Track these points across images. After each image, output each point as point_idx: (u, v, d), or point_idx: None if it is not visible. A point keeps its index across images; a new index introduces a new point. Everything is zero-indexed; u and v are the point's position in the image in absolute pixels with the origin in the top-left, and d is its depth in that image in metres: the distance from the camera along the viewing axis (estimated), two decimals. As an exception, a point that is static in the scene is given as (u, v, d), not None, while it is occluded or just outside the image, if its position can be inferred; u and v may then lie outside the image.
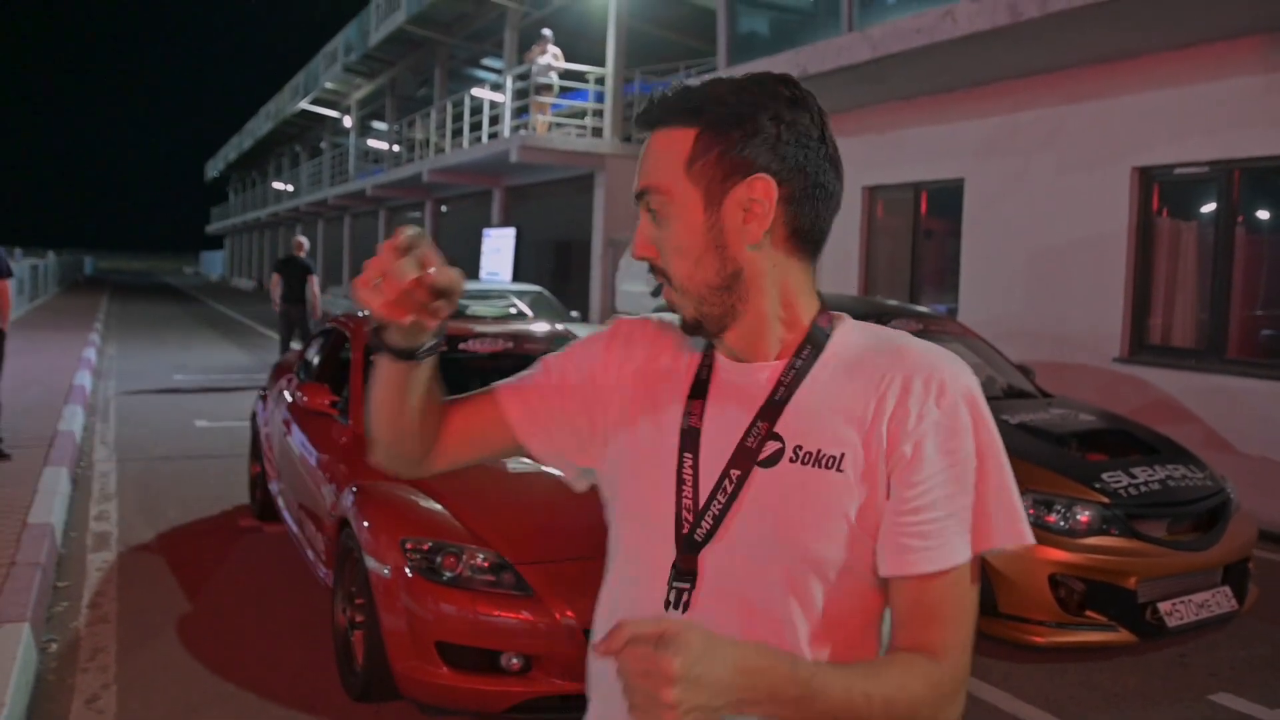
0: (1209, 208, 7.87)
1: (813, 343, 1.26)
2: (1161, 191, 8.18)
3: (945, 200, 9.93)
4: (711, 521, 1.23)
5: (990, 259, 9.42)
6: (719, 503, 1.23)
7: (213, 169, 64.31)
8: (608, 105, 17.40)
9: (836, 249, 11.75)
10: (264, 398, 6.87)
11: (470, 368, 5.94)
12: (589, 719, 1.40)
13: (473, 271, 21.15)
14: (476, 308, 10.75)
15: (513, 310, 11.50)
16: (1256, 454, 7.15)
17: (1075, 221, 8.45)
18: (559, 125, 17.85)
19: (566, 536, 4.03)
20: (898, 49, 8.34)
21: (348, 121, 33.51)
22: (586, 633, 3.57)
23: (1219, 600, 4.75)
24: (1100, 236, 8.27)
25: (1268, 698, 4.35)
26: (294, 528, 5.47)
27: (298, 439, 5.51)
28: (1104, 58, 8.17)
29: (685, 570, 1.24)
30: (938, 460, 1.16)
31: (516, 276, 19.22)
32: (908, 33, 8.22)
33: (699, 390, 1.29)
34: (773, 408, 1.23)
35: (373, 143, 31.81)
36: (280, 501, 5.93)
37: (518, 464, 4.66)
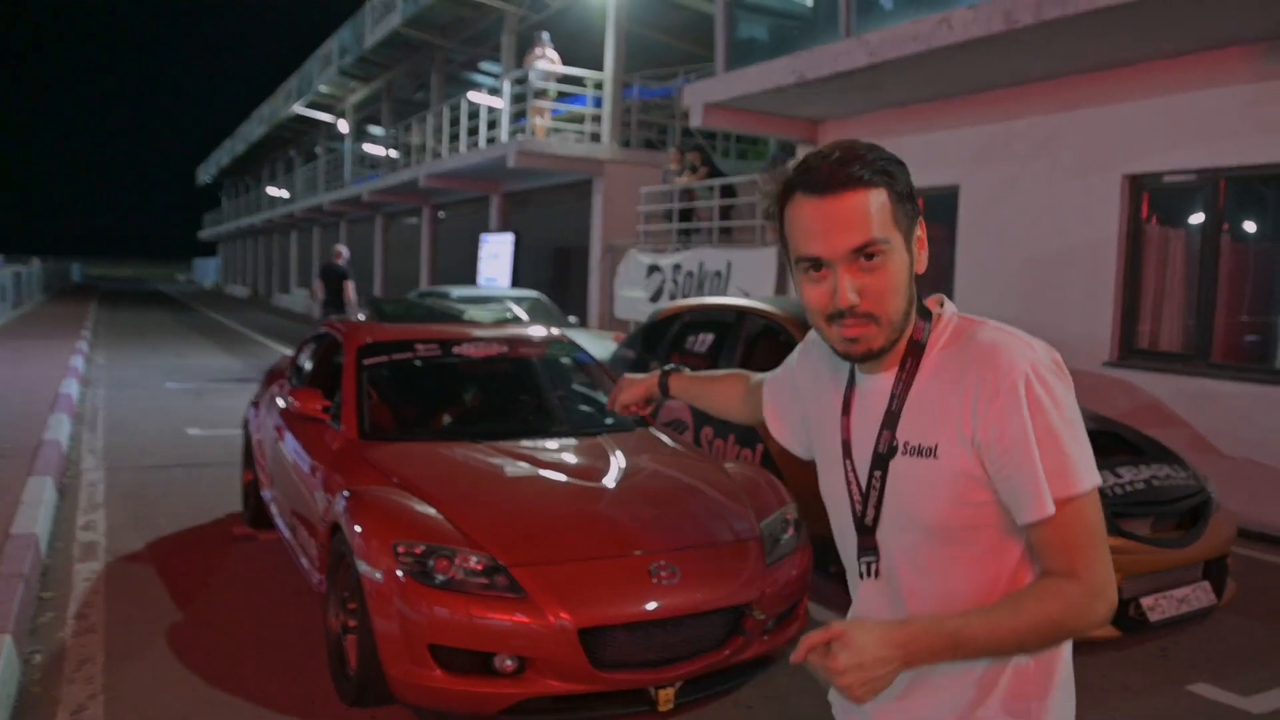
0: (1196, 215, 7.91)
1: (911, 355, 1.58)
2: (1151, 199, 8.22)
3: (940, 207, 9.96)
4: (874, 510, 1.61)
5: (984, 265, 9.45)
6: (874, 494, 1.61)
7: (204, 174, 63.68)
8: (606, 110, 17.42)
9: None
10: (256, 404, 6.87)
11: (465, 371, 5.97)
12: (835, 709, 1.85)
13: (470, 277, 21.18)
14: (474, 312, 10.83)
15: (509, 315, 11.55)
16: (1240, 455, 7.20)
17: (1067, 228, 8.48)
18: (557, 130, 17.88)
19: (559, 539, 4.06)
20: (894, 55, 8.38)
21: (343, 126, 33.50)
22: (581, 633, 3.63)
23: (1199, 595, 4.93)
24: (1091, 243, 8.31)
25: (1243, 686, 4.52)
26: (287, 534, 5.48)
27: (290, 445, 5.52)
28: (1097, 66, 8.21)
29: (867, 548, 1.65)
30: (1004, 439, 1.46)
31: (515, 282, 19.23)
32: (904, 39, 8.26)
33: (846, 408, 1.67)
34: (890, 418, 1.59)
35: (369, 148, 31.77)
36: (273, 508, 5.94)
37: (511, 467, 4.69)
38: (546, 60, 17.31)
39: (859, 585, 1.69)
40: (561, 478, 4.65)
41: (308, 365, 6.26)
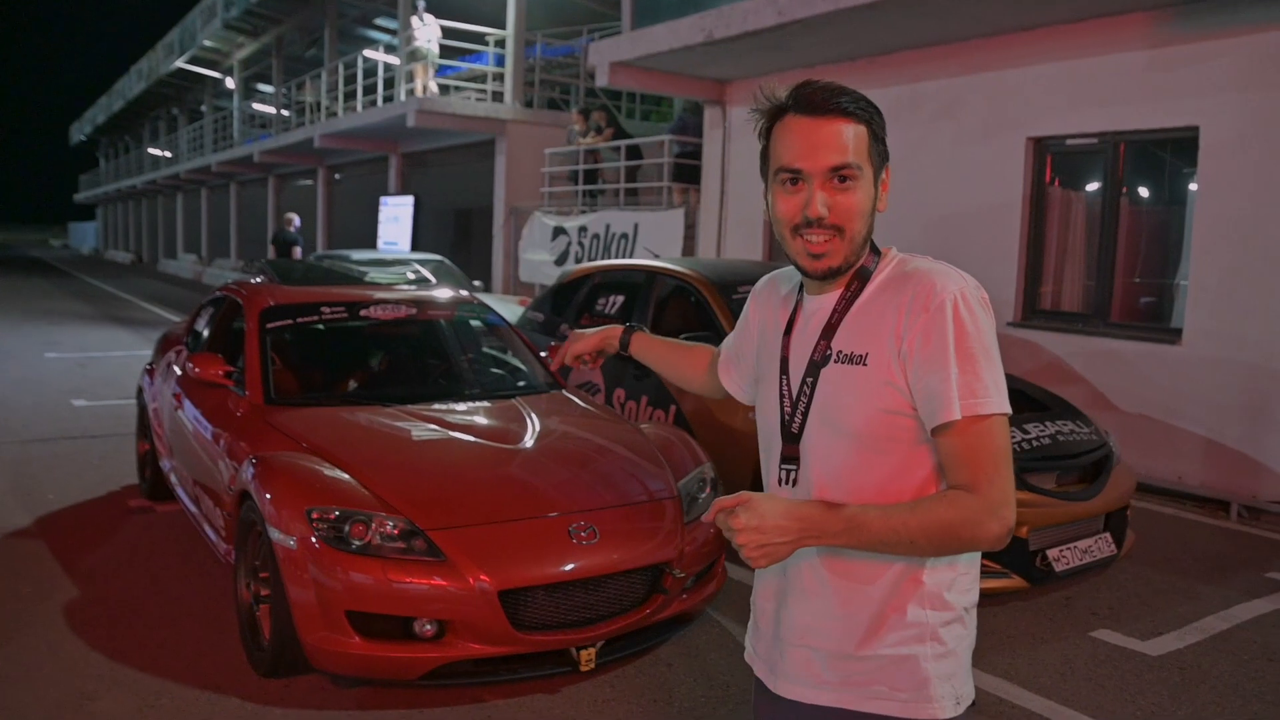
0: (1097, 178, 8.12)
1: (859, 278, 1.71)
2: (1054, 162, 8.40)
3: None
4: (801, 417, 1.73)
5: (890, 226, 9.40)
6: (803, 402, 1.72)
7: (79, 132, 60.03)
8: (509, 69, 17.10)
9: (742, 215, 11.82)
10: (151, 371, 6.59)
11: (372, 334, 5.81)
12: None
13: (370, 241, 20.71)
14: (375, 275, 10.54)
15: (412, 276, 11.30)
16: (1135, 411, 7.46)
17: (972, 191, 8.63)
18: (458, 89, 17.51)
19: (477, 501, 4.00)
20: (803, 14, 8.36)
21: (230, 83, 32.29)
22: (501, 595, 3.58)
23: (1101, 546, 5.11)
24: (996, 206, 8.47)
25: (1142, 631, 4.72)
26: (190, 505, 5.28)
27: (190, 412, 5.31)
28: (1000, 30, 8.32)
29: (789, 456, 1.75)
30: (926, 347, 1.58)
31: (416, 245, 18.88)
32: (814, -2, 8.25)
33: (789, 328, 1.80)
34: (829, 329, 1.71)
35: (259, 106, 30.73)
36: (173, 478, 5.71)
37: (424, 431, 4.59)
38: (426, 29, 16.94)
39: (776, 494, 1.75)
40: (477, 440, 4.56)
41: (206, 330, 6.01)
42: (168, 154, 39.87)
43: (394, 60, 18.12)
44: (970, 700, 1.71)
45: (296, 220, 16.75)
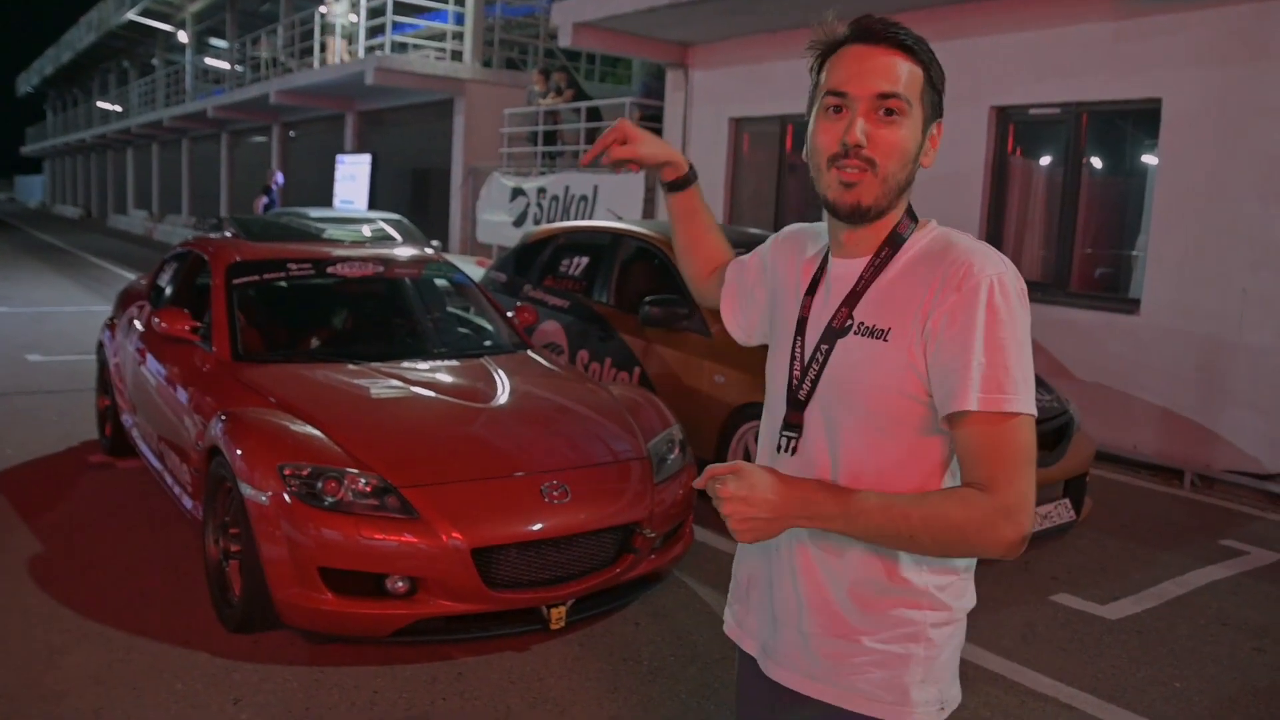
0: (1059, 148, 8.21)
1: (891, 244, 1.59)
2: (1017, 131, 8.48)
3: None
4: (810, 385, 1.61)
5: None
6: (814, 369, 1.60)
7: (25, 84, 58.76)
8: (468, 27, 16.89)
9: (702, 179, 11.73)
10: (112, 326, 6.49)
11: (339, 291, 5.76)
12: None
13: (326, 199, 20.44)
14: (333, 232, 10.43)
15: (366, 233, 11.18)
16: (1093, 380, 7.59)
17: (937, 158, 8.68)
18: (417, 47, 17.27)
19: (449, 459, 4.01)
20: (767, -21, 8.36)
21: (183, 36, 31.59)
22: (474, 553, 3.60)
23: (1060, 512, 5.21)
24: (959, 174, 8.54)
25: (1099, 595, 4.82)
26: (154, 461, 5.23)
27: (154, 368, 5.25)
28: (965, -2, 8.37)
29: (792, 423, 1.63)
30: (951, 328, 1.46)
31: (373, 205, 18.67)
32: (777, -39, 8.23)
33: (812, 288, 1.67)
34: (853, 297, 1.59)
35: (212, 61, 30.09)
36: (135, 434, 5.65)
37: (394, 389, 4.57)
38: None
39: (774, 462, 1.64)
40: (447, 398, 4.56)
41: (169, 286, 5.92)
42: (118, 108, 38.97)
43: (352, 18, 17.80)
44: (956, 704, 1.63)
45: (279, 176, 17.40)
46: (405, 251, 6.04)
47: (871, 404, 1.53)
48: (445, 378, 4.85)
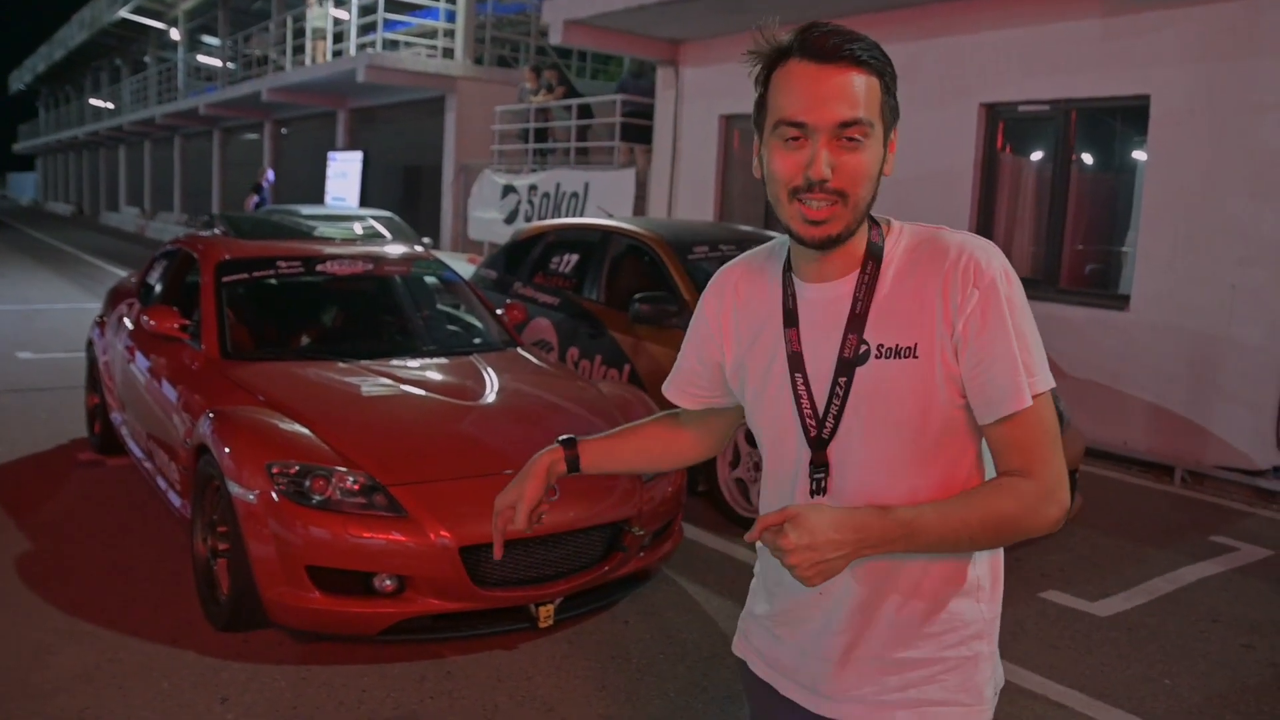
0: (1048, 145, 8.22)
1: (872, 257, 1.53)
2: (1006, 128, 8.49)
3: (799, 132, 10.05)
4: (833, 422, 1.53)
5: (842, 191, 9.59)
6: (835, 406, 1.53)
7: (17, 81, 58.58)
8: (460, 25, 16.86)
9: (693, 176, 11.80)
10: (101, 324, 6.48)
11: (329, 289, 5.76)
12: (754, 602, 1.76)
13: (317, 196, 20.40)
14: (324, 229, 10.42)
15: (359, 231, 11.18)
16: (1082, 376, 7.60)
17: (926, 156, 8.68)
18: (409, 45, 17.24)
19: (437, 457, 4.00)
20: (758, -24, 8.34)
21: (175, 34, 31.49)
22: (462, 551, 3.59)
23: None
24: (949, 171, 8.54)
25: (1088, 592, 4.82)
26: (142, 459, 5.22)
27: (143, 365, 5.24)
28: (955, -5, 8.38)
29: (820, 463, 1.55)
30: (984, 332, 1.44)
31: (364, 202, 18.64)
32: (770, -42, 8.21)
33: (790, 319, 1.58)
34: (856, 321, 1.51)
35: (204, 59, 30.02)
36: (125, 432, 5.64)
37: (382, 387, 4.57)
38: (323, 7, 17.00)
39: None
40: (435, 396, 4.56)
41: (159, 284, 5.91)
42: (110, 105, 38.86)
43: (343, 15, 17.77)
44: (1003, 684, 1.66)
45: (270, 174, 17.51)
46: (394, 249, 6.03)
47: (917, 422, 1.49)
48: (434, 375, 4.85)
